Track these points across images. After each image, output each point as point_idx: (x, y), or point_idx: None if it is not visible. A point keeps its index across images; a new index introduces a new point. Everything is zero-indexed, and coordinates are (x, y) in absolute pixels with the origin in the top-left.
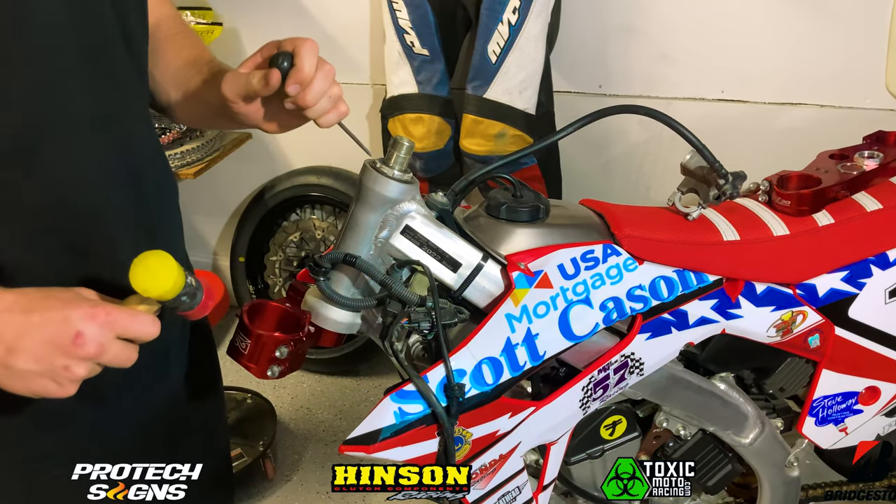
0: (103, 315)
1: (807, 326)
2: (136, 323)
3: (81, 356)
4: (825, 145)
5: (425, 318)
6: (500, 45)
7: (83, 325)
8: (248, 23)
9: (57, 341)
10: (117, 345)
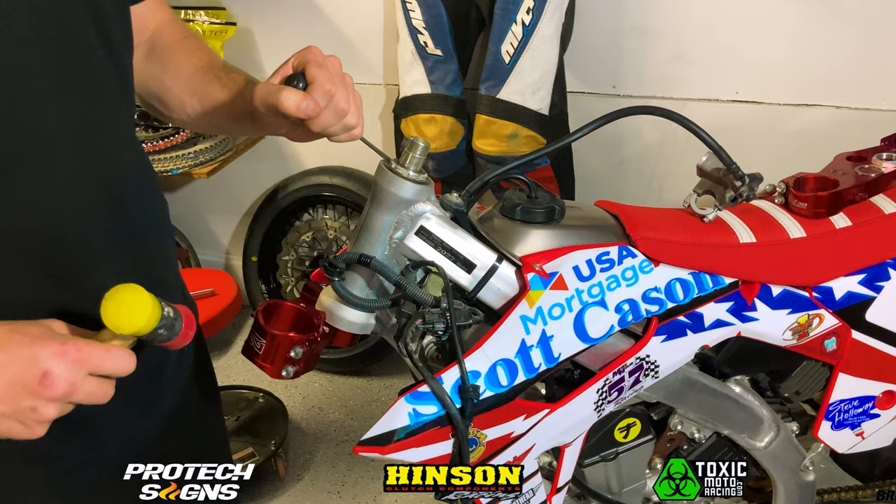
0: (74, 352)
1: (823, 330)
2: (109, 359)
3: (50, 397)
4: (842, 147)
5: (440, 319)
6: (514, 45)
7: (51, 364)
8: (262, 23)
9: (23, 381)
10: (90, 382)
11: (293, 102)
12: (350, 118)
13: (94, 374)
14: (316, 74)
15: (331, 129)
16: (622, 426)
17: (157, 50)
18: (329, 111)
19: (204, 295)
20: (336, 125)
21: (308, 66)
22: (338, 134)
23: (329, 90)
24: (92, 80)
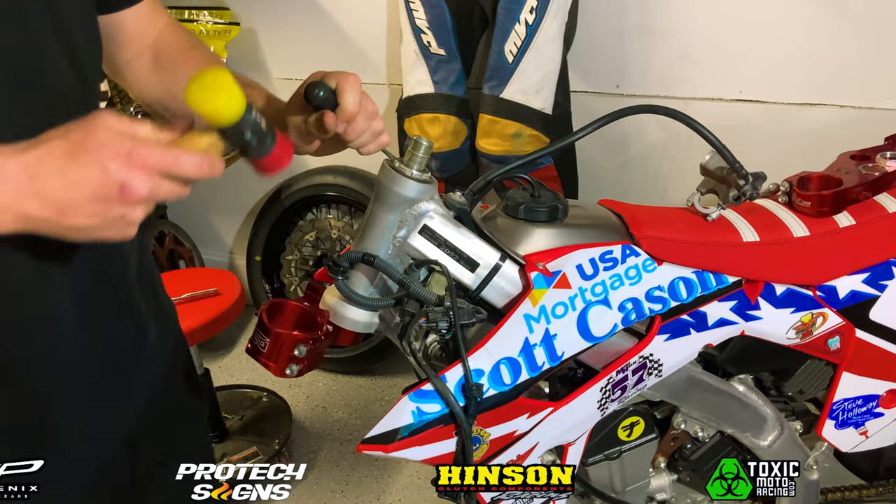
0: (142, 159)
1: (827, 328)
2: (179, 162)
3: (132, 203)
4: (846, 146)
5: (443, 317)
6: (517, 44)
7: (124, 175)
8: (266, 23)
9: (103, 196)
10: (168, 185)
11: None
12: (378, 122)
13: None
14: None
15: (363, 137)
16: (625, 425)
17: (163, 60)
18: (362, 116)
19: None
20: (367, 132)
21: (327, 77)
22: (368, 143)
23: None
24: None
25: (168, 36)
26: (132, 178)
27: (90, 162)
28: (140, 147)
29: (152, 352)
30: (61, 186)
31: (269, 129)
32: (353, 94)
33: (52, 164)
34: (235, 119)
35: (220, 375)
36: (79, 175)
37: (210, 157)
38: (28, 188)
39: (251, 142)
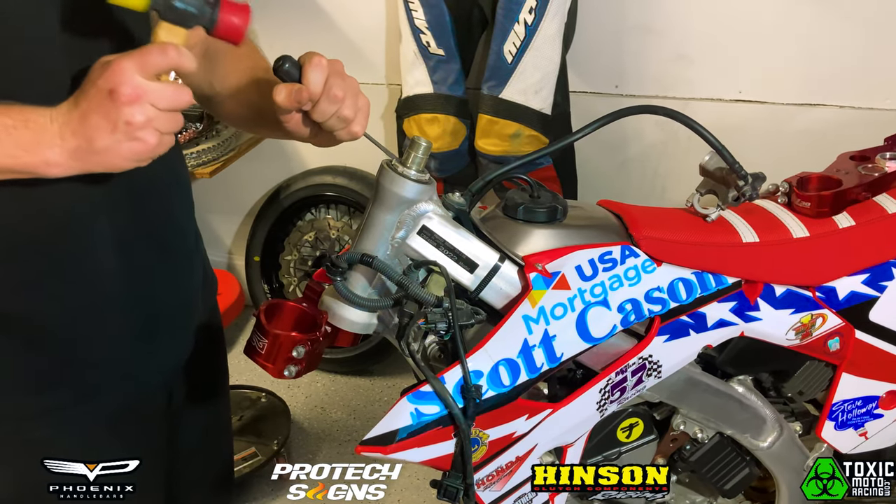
0: (117, 65)
1: (826, 329)
2: (145, 54)
3: (125, 103)
4: (845, 146)
5: (442, 318)
6: (517, 45)
7: (109, 83)
8: (265, 23)
9: (103, 110)
10: (153, 84)
11: (283, 95)
12: (346, 109)
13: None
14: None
15: (330, 122)
16: (625, 426)
17: (213, 52)
18: (324, 99)
19: None
20: (333, 117)
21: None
22: (338, 129)
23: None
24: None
25: None
26: (114, 82)
27: (88, 88)
28: (115, 59)
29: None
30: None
31: None
32: (315, 73)
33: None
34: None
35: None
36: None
37: (170, 43)
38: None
39: (189, 11)
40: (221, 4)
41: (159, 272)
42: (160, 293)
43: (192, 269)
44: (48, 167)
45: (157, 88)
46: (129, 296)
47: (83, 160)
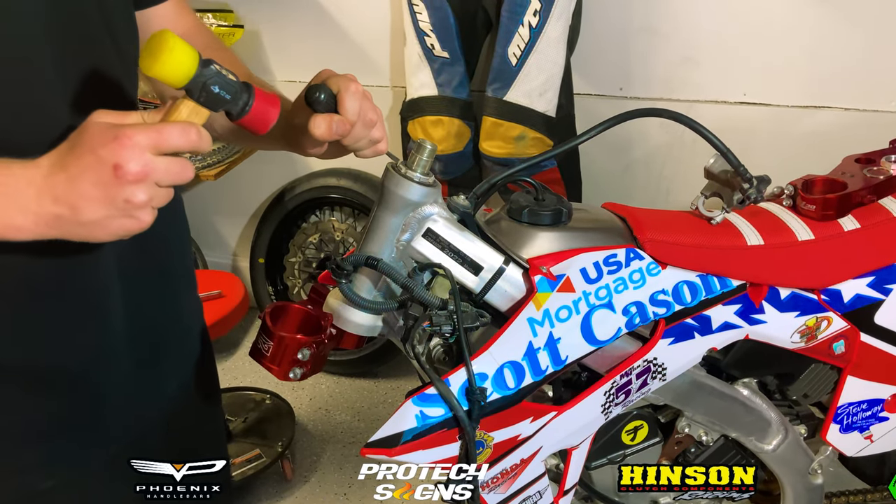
0: (128, 139)
1: (831, 332)
2: (166, 135)
3: (130, 181)
4: (850, 149)
5: (447, 321)
6: (521, 47)
7: (115, 157)
8: (270, 25)
9: (103, 182)
10: (161, 160)
11: (323, 129)
12: (376, 131)
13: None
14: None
15: (359, 144)
16: (629, 429)
17: None
18: (359, 124)
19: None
20: (364, 139)
21: (329, 80)
22: (365, 149)
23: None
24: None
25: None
26: (122, 157)
27: (84, 153)
28: (125, 129)
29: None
30: (65, 181)
31: (243, 84)
32: (353, 101)
33: (58, 163)
34: (190, 72)
35: (223, 378)
36: (76, 167)
37: (193, 124)
38: (43, 188)
39: (222, 96)
40: (255, 94)
41: (160, 298)
42: (161, 319)
43: (190, 289)
44: (15, 232)
45: (165, 167)
46: (132, 327)
47: (59, 228)
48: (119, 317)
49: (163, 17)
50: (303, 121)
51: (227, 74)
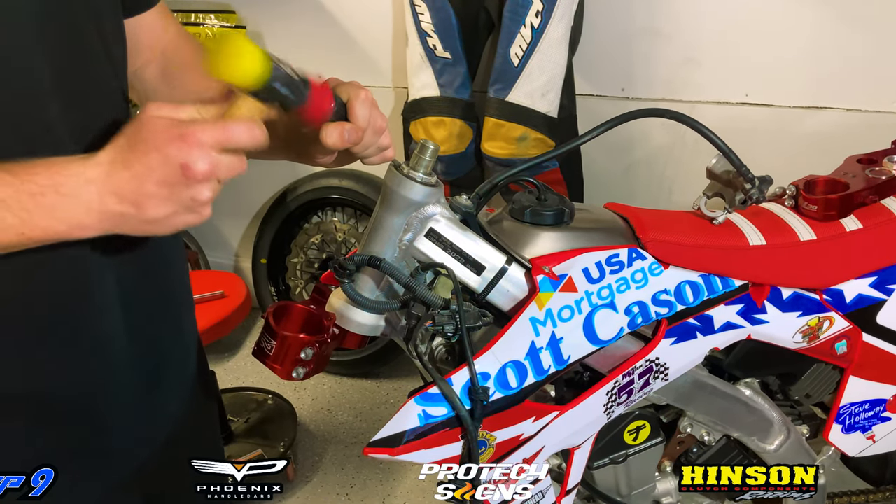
0: (195, 137)
1: (834, 332)
2: (230, 133)
3: (198, 181)
4: (852, 150)
5: (449, 321)
6: (523, 48)
7: (183, 156)
8: (272, 26)
9: (170, 181)
10: (225, 158)
11: (335, 137)
12: (384, 138)
13: (226, 149)
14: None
15: (368, 151)
16: (632, 429)
17: (174, 71)
18: (369, 131)
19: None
20: (373, 146)
21: (338, 88)
22: (373, 156)
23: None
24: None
25: (178, 46)
26: (190, 157)
27: (149, 150)
28: (191, 127)
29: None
30: (129, 179)
31: (301, 77)
32: (363, 109)
33: (118, 159)
34: (266, 79)
35: (225, 378)
36: (142, 165)
37: (257, 121)
38: (105, 186)
39: (289, 96)
40: (312, 88)
41: (161, 320)
42: (162, 342)
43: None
44: (81, 231)
45: (228, 164)
46: (134, 352)
47: (123, 226)
48: (121, 342)
49: (150, 25)
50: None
51: (292, 74)
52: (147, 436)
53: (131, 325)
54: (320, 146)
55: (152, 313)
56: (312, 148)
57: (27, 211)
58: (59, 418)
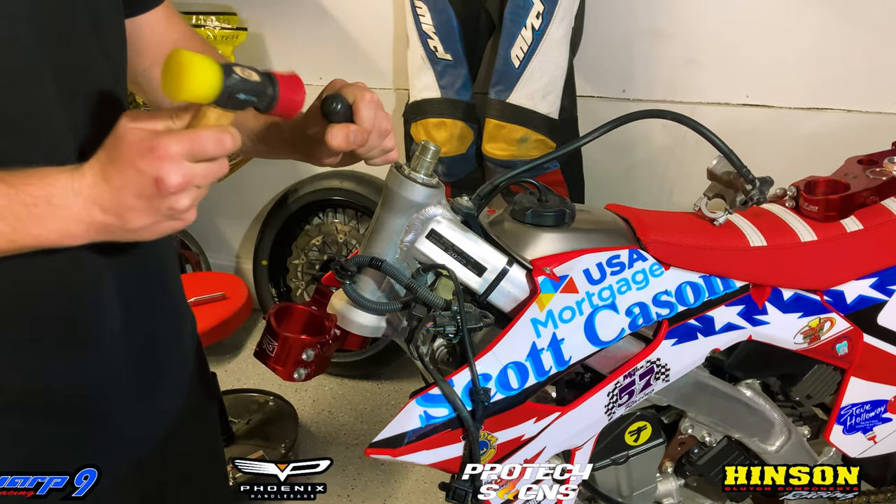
0: (164, 150)
1: (834, 333)
2: (200, 143)
3: (173, 192)
4: (853, 151)
5: (450, 322)
6: (524, 49)
7: (156, 170)
8: (273, 28)
9: (146, 194)
10: (199, 166)
11: (341, 139)
12: (389, 140)
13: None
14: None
15: (372, 153)
16: (633, 429)
17: None
18: (374, 133)
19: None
20: (378, 147)
21: (344, 90)
22: (377, 157)
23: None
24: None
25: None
26: (161, 170)
27: (124, 165)
28: (161, 139)
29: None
30: (110, 192)
31: (266, 78)
32: (369, 111)
33: (100, 173)
34: (217, 89)
35: (226, 379)
36: (119, 179)
37: (225, 129)
38: (90, 199)
39: (249, 100)
40: (279, 84)
41: (160, 318)
42: (161, 340)
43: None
44: (70, 239)
45: (203, 172)
46: (134, 351)
47: (109, 235)
48: (120, 340)
49: (153, 25)
50: (317, 131)
51: (249, 77)
52: (146, 434)
53: (131, 323)
54: (325, 147)
55: (151, 312)
56: (318, 148)
57: (20, 220)
58: (58, 417)
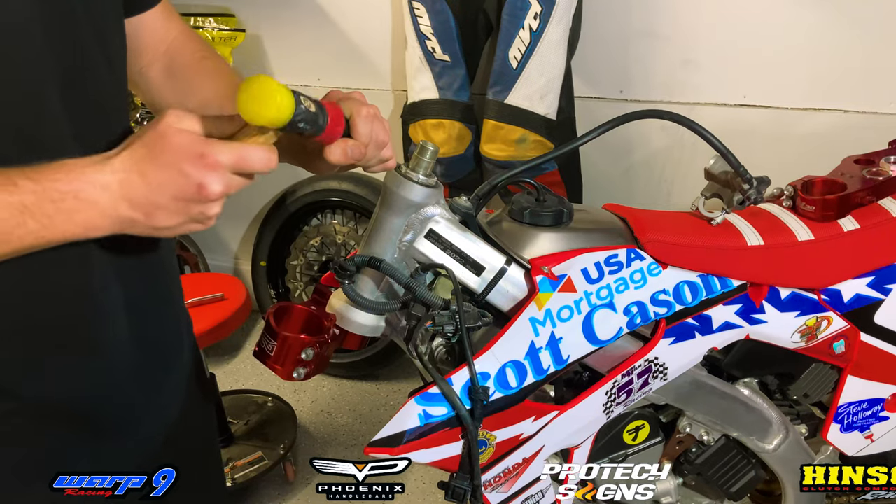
0: (214, 159)
1: (832, 332)
2: (248, 158)
3: (212, 200)
4: (850, 150)
5: (449, 321)
6: (522, 50)
7: (201, 177)
8: (271, 29)
9: (184, 196)
10: (237, 179)
11: (338, 155)
12: (386, 150)
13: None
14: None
15: (370, 163)
16: (631, 428)
17: (178, 70)
18: (372, 146)
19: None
20: (375, 158)
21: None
22: (373, 166)
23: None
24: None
25: (182, 44)
26: (207, 178)
27: (168, 165)
28: (211, 148)
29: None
30: (145, 189)
31: (319, 109)
32: (366, 126)
33: (134, 168)
34: (289, 118)
35: (225, 380)
36: (159, 178)
37: (273, 149)
38: (119, 192)
39: (306, 128)
40: (329, 115)
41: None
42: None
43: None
44: (95, 232)
45: (239, 183)
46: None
47: (132, 229)
48: (125, 348)
49: (151, 24)
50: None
51: (310, 107)
52: (147, 436)
53: (136, 329)
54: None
55: (156, 317)
56: (316, 160)
57: (48, 217)
58: (62, 421)
